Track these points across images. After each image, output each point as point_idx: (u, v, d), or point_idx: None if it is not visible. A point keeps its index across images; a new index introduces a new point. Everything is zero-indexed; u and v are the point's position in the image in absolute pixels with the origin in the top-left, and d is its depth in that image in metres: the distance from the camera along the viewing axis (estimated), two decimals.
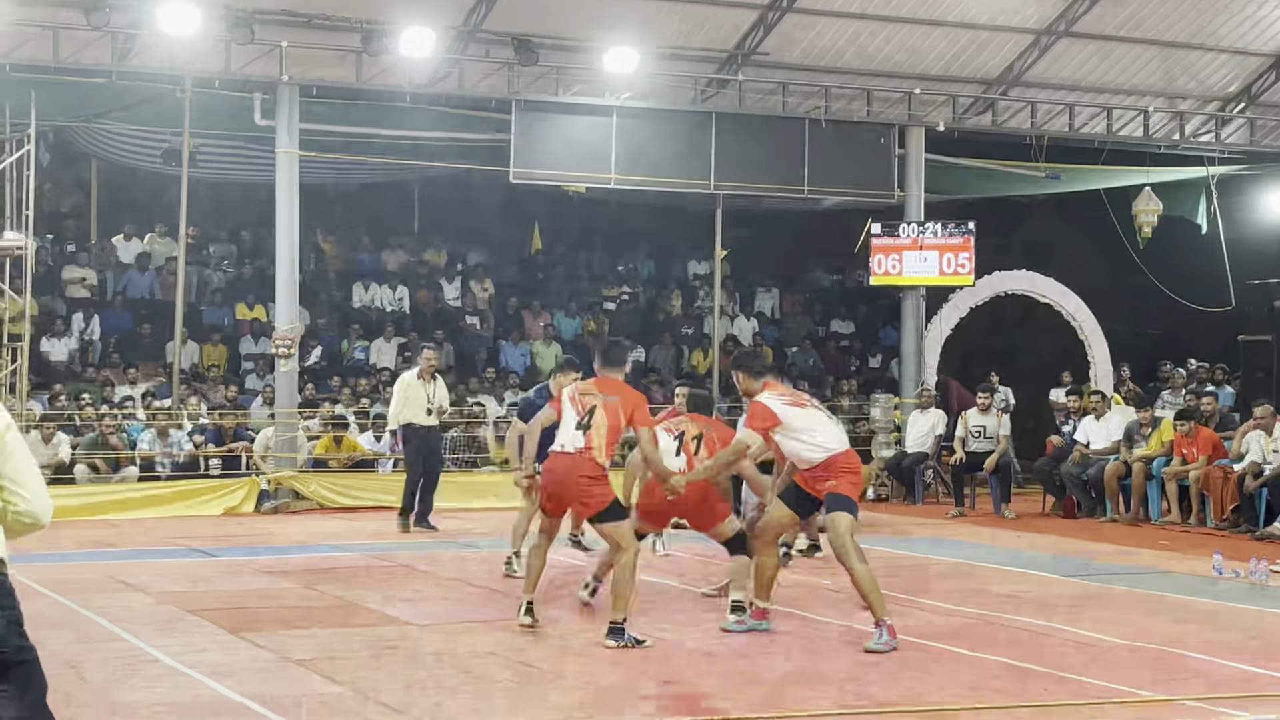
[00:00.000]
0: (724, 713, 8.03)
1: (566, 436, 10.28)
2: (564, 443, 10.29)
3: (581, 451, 10.16)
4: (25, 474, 4.82)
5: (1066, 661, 9.73)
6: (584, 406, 10.27)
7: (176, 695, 8.47)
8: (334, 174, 23.73)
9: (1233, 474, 17.57)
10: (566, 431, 10.30)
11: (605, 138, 21.34)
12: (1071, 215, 26.93)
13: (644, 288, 29.02)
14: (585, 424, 10.19)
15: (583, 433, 10.18)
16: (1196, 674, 9.36)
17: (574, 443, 10.21)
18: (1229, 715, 8.23)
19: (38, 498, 4.82)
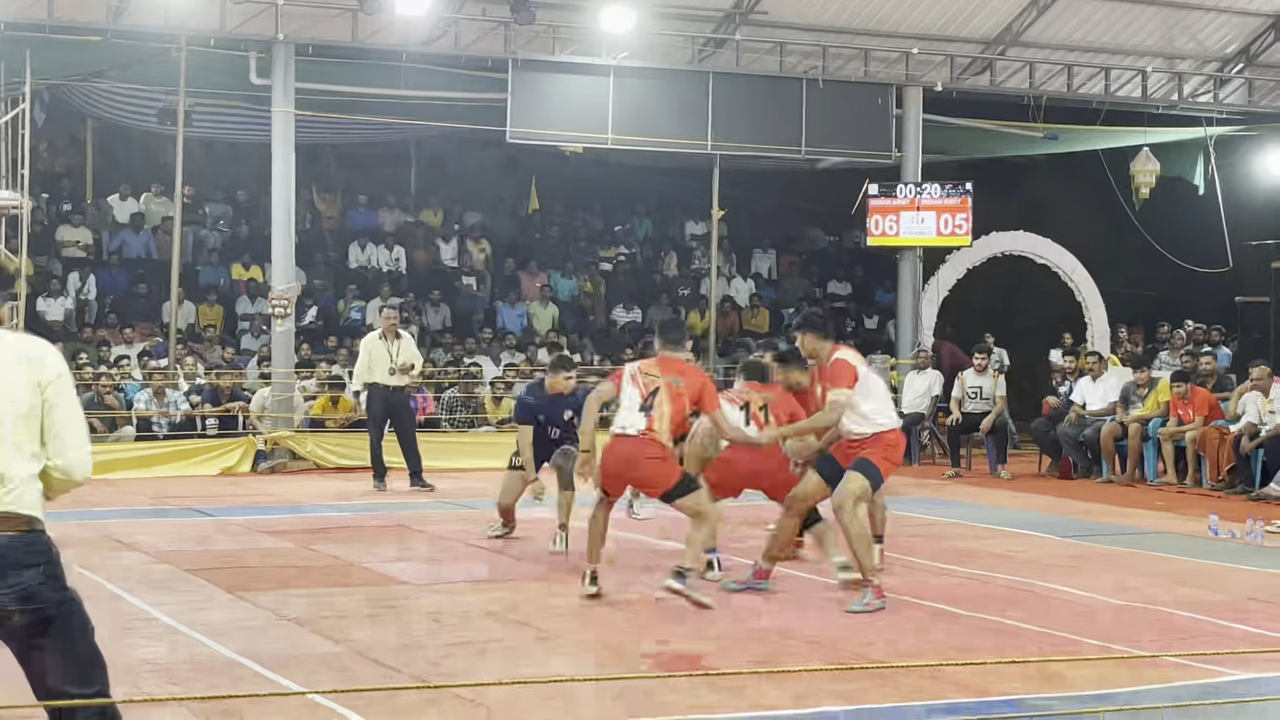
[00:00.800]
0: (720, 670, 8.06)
1: (629, 418, 10.01)
2: (625, 424, 10.00)
3: (644, 433, 9.91)
4: (64, 427, 4.85)
5: (1060, 621, 9.77)
6: (647, 388, 10.00)
7: (174, 654, 8.50)
8: (330, 133, 23.67)
9: (1229, 435, 17.59)
10: (630, 413, 10.02)
11: (602, 97, 21.26)
12: (1069, 176, 26.89)
13: (641, 248, 28.98)
14: (648, 406, 9.95)
15: (645, 414, 9.93)
16: (1191, 633, 9.40)
17: (636, 425, 9.95)
18: (1223, 673, 8.26)
19: (72, 453, 4.86)
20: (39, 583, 4.74)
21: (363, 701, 7.28)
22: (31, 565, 4.75)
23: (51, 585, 4.78)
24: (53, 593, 4.78)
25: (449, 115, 22.10)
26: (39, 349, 4.95)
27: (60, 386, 4.86)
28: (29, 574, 4.74)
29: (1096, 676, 8.16)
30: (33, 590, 4.74)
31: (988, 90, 23.75)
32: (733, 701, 7.54)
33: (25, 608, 4.73)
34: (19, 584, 4.72)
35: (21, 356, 4.88)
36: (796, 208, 29.95)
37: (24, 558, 4.75)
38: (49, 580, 4.78)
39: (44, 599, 4.76)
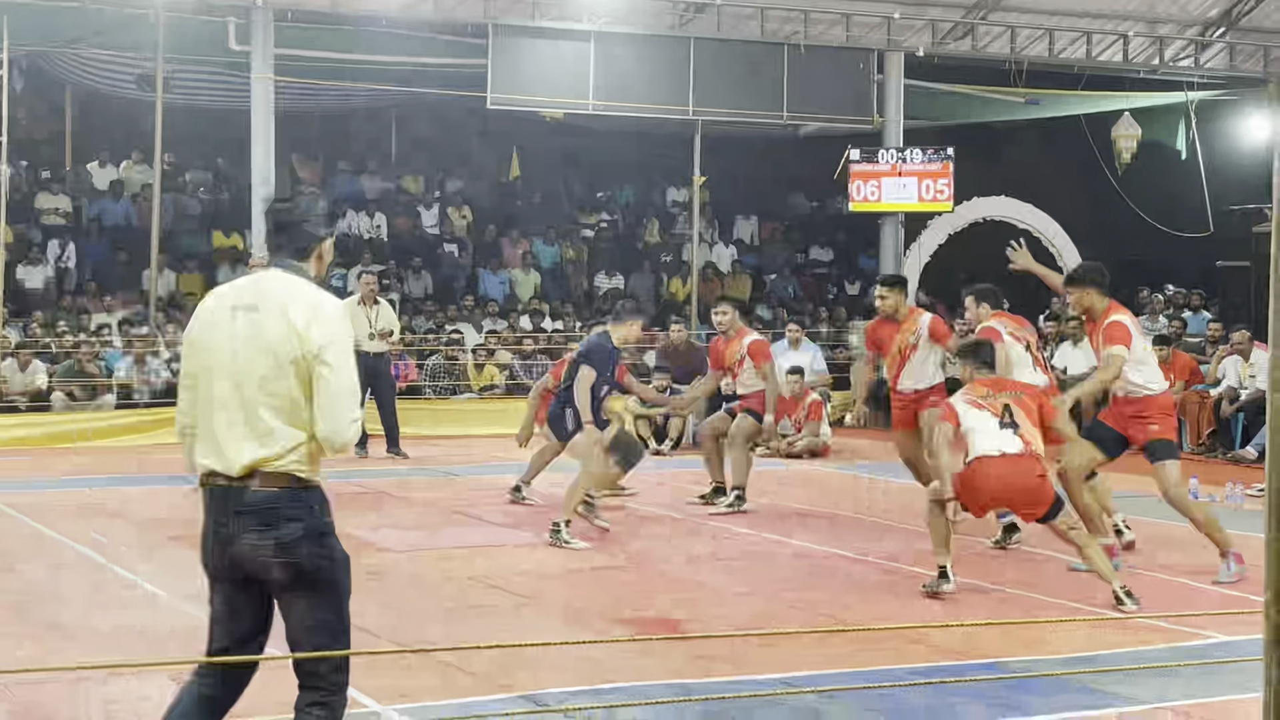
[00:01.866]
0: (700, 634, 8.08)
1: (996, 440, 9.34)
2: (1000, 445, 9.32)
3: (1023, 453, 9.33)
4: (324, 399, 4.81)
5: (1040, 583, 9.81)
6: (996, 409, 9.45)
7: (156, 621, 8.49)
8: (310, 100, 23.57)
9: (1209, 398, 17.65)
10: (993, 435, 9.35)
11: (583, 63, 21.21)
12: (1051, 141, 26.88)
13: (622, 215, 28.93)
14: (1011, 424, 9.39)
15: (1014, 432, 9.37)
16: (1171, 596, 9.44)
17: (1011, 445, 9.33)
18: (1202, 635, 8.30)
19: (331, 421, 4.81)
20: (298, 537, 4.84)
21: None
22: (293, 520, 4.84)
23: (312, 542, 4.87)
24: (312, 549, 4.87)
25: (429, 81, 22.04)
26: (316, 300, 4.92)
27: (322, 361, 4.81)
28: (289, 528, 4.83)
29: (1077, 639, 8.20)
30: (291, 544, 4.84)
31: (969, 55, 23.72)
32: (715, 667, 7.56)
33: (283, 559, 4.84)
34: (279, 537, 4.82)
35: (294, 306, 4.87)
36: (778, 174, 29.90)
37: (286, 512, 4.84)
38: (310, 537, 4.87)
39: (301, 554, 4.85)
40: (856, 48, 22.84)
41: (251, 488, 4.83)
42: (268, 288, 4.93)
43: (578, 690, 6.97)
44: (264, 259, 19.30)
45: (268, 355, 4.81)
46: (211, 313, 5.01)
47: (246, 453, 4.83)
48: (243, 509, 4.84)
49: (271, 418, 4.82)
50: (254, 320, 4.85)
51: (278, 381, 4.81)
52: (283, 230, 5.06)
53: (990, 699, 7.02)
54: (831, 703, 6.89)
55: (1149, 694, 7.10)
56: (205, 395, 4.92)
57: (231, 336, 4.88)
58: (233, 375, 4.86)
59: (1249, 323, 18.60)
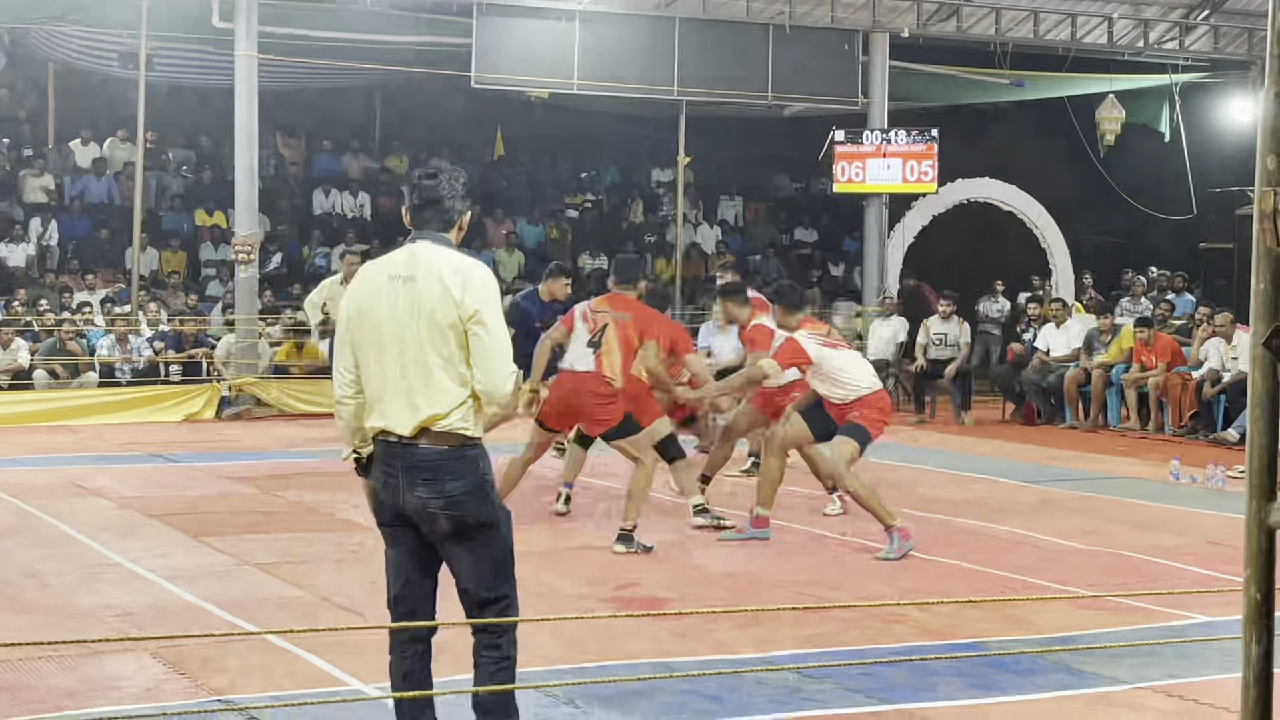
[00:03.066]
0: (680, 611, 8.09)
1: (578, 355, 10.11)
2: (574, 361, 10.11)
3: (592, 371, 10.01)
4: (482, 356, 5.12)
5: (1023, 564, 9.84)
6: (596, 324, 10.08)
7: (136, 599, 8.47)
8: (294, 78, 23.47)
9: (1191, 381, 17.69)
10: (579, 350, 10.12)
11: (568, 42, 21.14)
12: (1035, 123, 26.90)
13: (607, 195, 28.91)
14: (596, 343, 10.03)
15: (593, 351, 10.01)
16: (1152, 577, 9.47)
17: (584, 362, 10.05)
18: (1183, 616, 8.33)
19: (490, 377, 5.12)
20: (464, 493, 5.13)
21: (324, 644, 7.28)
22: (459, 477, 5.14)
23: (477, 498, 5.16)
24: (477, 505, 5.17)
25: (413, 60, 21.95)
26: (467, 266, 5.23)
27: (475, 323, 5.13)
28: (456, 484, 5.13)
29: (1058, 619, 8.22)
30: (458, 499, 5.13)
31: (954, 36, 23.69)
32: (697, 646, 7.57)
33: (451, 513, 5.14)
34: (447, 493, 5.12)
35: (448, 273, 5.16)
36: (763, 155, 29.88)
37: (454, 469, 5.14)
38: (475, 493, 5.16)
39: (467, 509, 5.15)
40: (842, 28, 22.79)
41: (421, 445, 5.14)
42: (421, 258, 5.21)
43: (560, 668, 6.97)
44: (248, 236, 19.32)
45: (429, 321, 5.11)
46: (371, 284, 5.28)
47: (416, 413, 5.12)
48: (413, 465, 5.14)
49: (436, 378, 5.12)
50: (413, 289, 5.15)
51: (440, 345, 5.11)
52: (430, 205, 5.31)
53: (970, 678, 7.03)
54: (812, 681, 6.90)
55: (1129, 674, 7.12)
56: (373, 362, 5.21)
57: (393, 305, 5.17)
58: (398, 342, 5.14)
59: (1231, 305, 18.64)
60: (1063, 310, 20.17)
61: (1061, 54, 24.22)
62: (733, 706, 6.52)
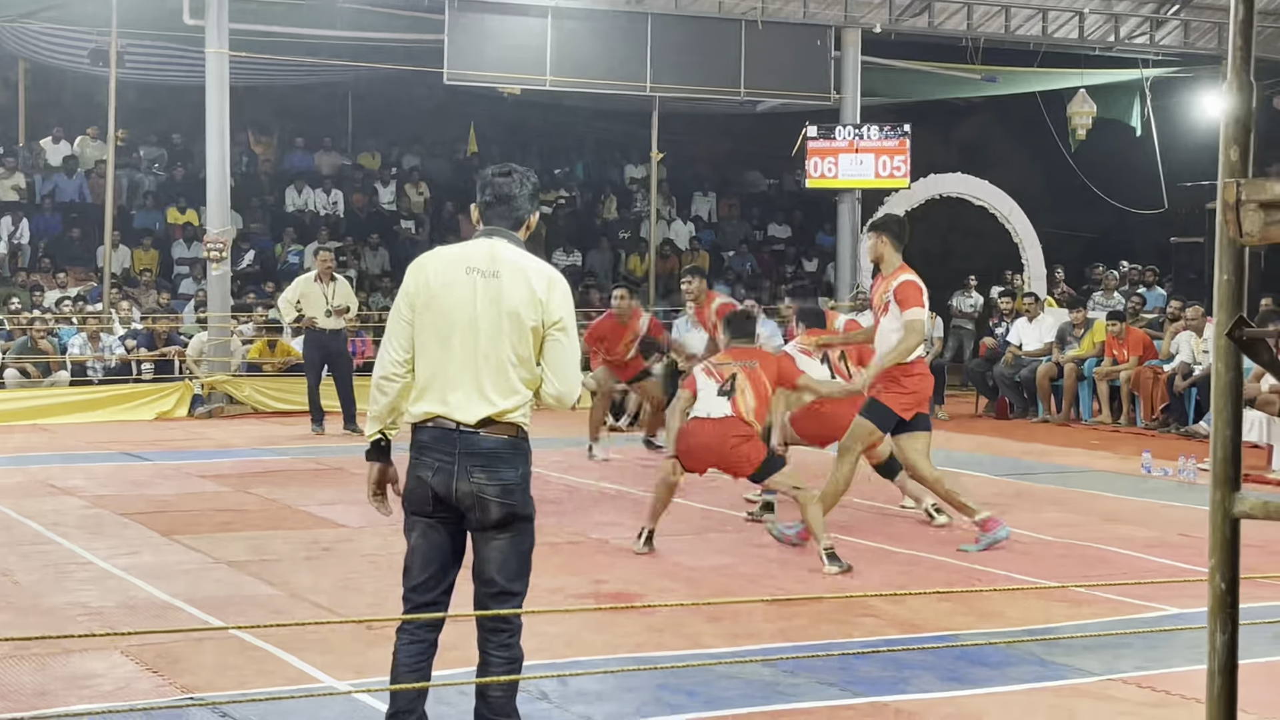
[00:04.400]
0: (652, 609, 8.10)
1: (709, 404, 9.78)
2: (709, 410, 9.77)
3: (729, 417, 9.67)
4: (559, 362, 5.28)
5: (993, 557, 9.87)
6: (723, 375, 9.83)
7: (108, 598, 8.45)
8: (266, 75, 23.42)
9: (1163, 374, 17.76)
10: (708, 400, 9.80)
11: (540, 38, 21.11)
12: (1007, 118, 26.97)
13: (580, 191, 28.90)
14: (729, 390, 9.75)
15: (727, 399, 9.73)
16: (1123, 569, 9.51)
17: (720, 409, 9.72)
18: (1154, 608, 8.36)
19: (565, 383, 5.29)
20: (516, 483, 5.27)
21: (296, 641, 7.27)
22: (515, 467, 5.27)
23: (524, 490, 5.31)
24: (523, 497, 5.31)
25: (386, 57, 21.92)
26: (551, 273, 5.36)
27: (557, 330, 5.27)
28: (511, 473, 5.25)
29: (1029, 612, 8.25)
30: (511, 488, 5.25)
31: (926, 32, 23.73)
32: (670, 640, 7.58)
33: (502, 500, 5.24)
34: (504, 480, 5.23)
35: (535, 277, 5.27)
36: (736, 150, 29.93)
37: (511, 459, 5.26)
38: (524, 485, 5.31)
39: (517, 499, 5.27)
40: (813, 24, 22.80)
41: (482, 433, 5.23)
42: (502, 255, 5.29)
43: (534, 663, 6.96)
44: (220, 234, 19.25)
45: (512, 319, 5.21)
46: (444, 271, 5.32)
47: (487, 405, 5.22)
48: (472, 451, 5.22)
49: (509, 375, 5.23)
50: (495, 285, 5.22)
51: (518, 343, 5.22)
52: (504, 202, 5.41)
53: (942, 671, 7.06)
54: (785, 674, 6.92)
55: (1100, 665, 7.16)
56: (437, 349, 5.26)
57: (472, 298, 5.23)
58: (474, 334, 5.22)
59: (1203, 298, 18.72)
60: (1035, 304, 20.24)
61: (1033, 49, 24.27)
62: (706, 700, 6.53)
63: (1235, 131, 2.75)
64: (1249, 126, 2.78)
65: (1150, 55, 24.92)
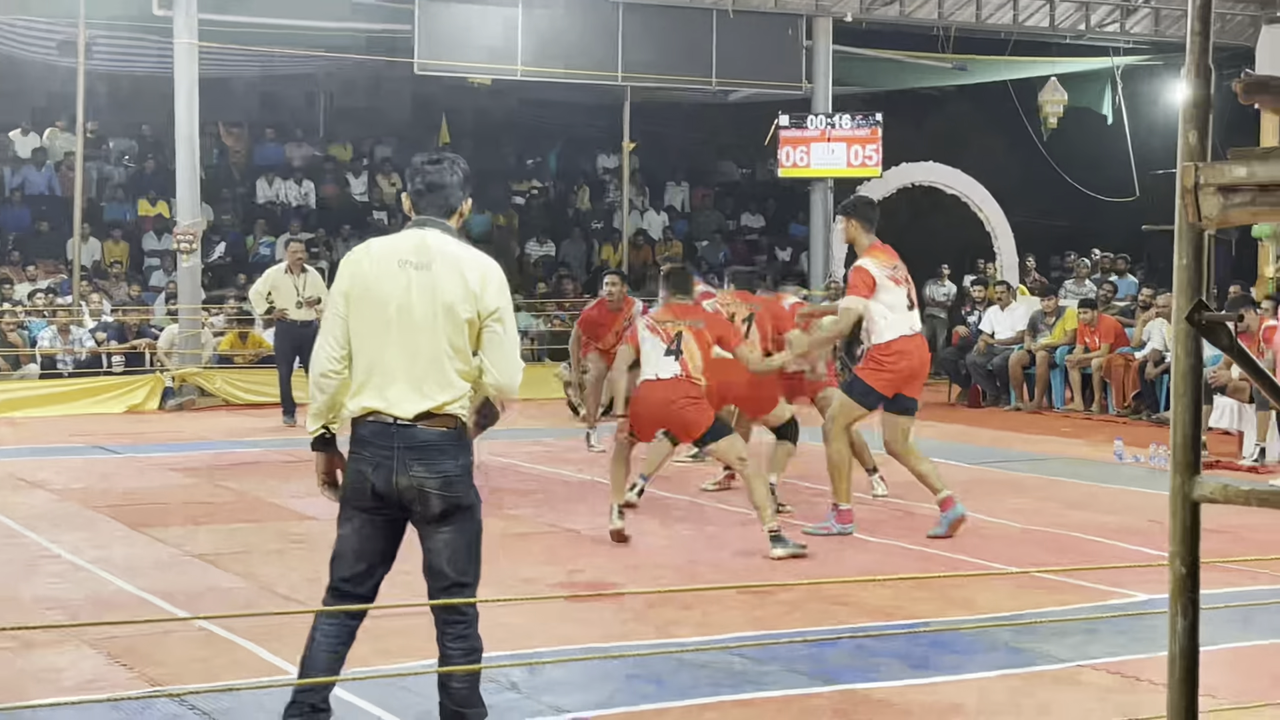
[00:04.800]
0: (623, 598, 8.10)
1: (658, 365, 9.76)
2: (656, 371, 9.76)
3: (679, 378, 9.69)
4: (498, 353, 5.25)
5: (967, 544, 9.89)
6: (669, 334, 9.79)
7: (77, 591, 8.41)
8: (236, 66, 23.32)
9: (1134, 362, 17.81)
10: (656, 360, 9.78)
11: (511, 29, 21.07)
12: (978, 107, 27.00)
13: (553, 182, 28.86)
14: (676, 350, 9.74)
15: (675, 359, 9.71)
16: (1094, 555, 9.53)
17: (668, 369, 9.71)
18: (1123, 594, 8.38)
19: (506, 374, 5.26)
20: (457, 475, 5.25)
21: (266, 634, 7.24)
22: (455, 458, 5.26)
23: (465, 481, 5.30)
24: (465, 488, 5.29)
25: (357, 47, 21.85)
26: (485, 263, 5.35)
27: (494, 320, 5.25)
28: (450, 465, 5.24)
29: (1000, 599, 8.26)
30: (452, 480, 5.25)
31: (897, 21, 23.75)
32: (641, 629, 7.57)
33: (443, 493, 5.23)
34: (444, 472, 5.22)
35: (469, 268, 5.26)
36: (709, 140, 29.93)
37: (451, 450, 5.25)
38: (465, 476, 5.29)
39: (458, 490, 5.26)
40: (785, 13, 22.81)
41: (420, 426, 5.21)
42: (434, 246, 5.28)
43: (504, 653, 6.95)
44: (190, 226, 19.18)
45: (447, 312, 5.19)
46: (376, 265, 5.30)
47: (424, 400, 5.20)
48: (411, 445, 5.21)
49: (447, 369, 5.21)
50: (428, 278, 5.21)
51: (454, 336, 5.20)
52: (435, 190, 5.40)
53: (913, 658, 7.07)
54: (755, 663, 6.92)
55: (1070, 651, 7.17)
56: (373, 344, 5.25)
57: (404, 291, 5.21)
58: (409, 328, 5.20)
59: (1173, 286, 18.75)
60: (1007, 293, 20.29)
61: (1004, 38, 24.32)
62: (676, 690, 6.52)
63: (1194, 116, 2.76)
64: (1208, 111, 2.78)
65: (1121, 43, 24.99)
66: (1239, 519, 9.96)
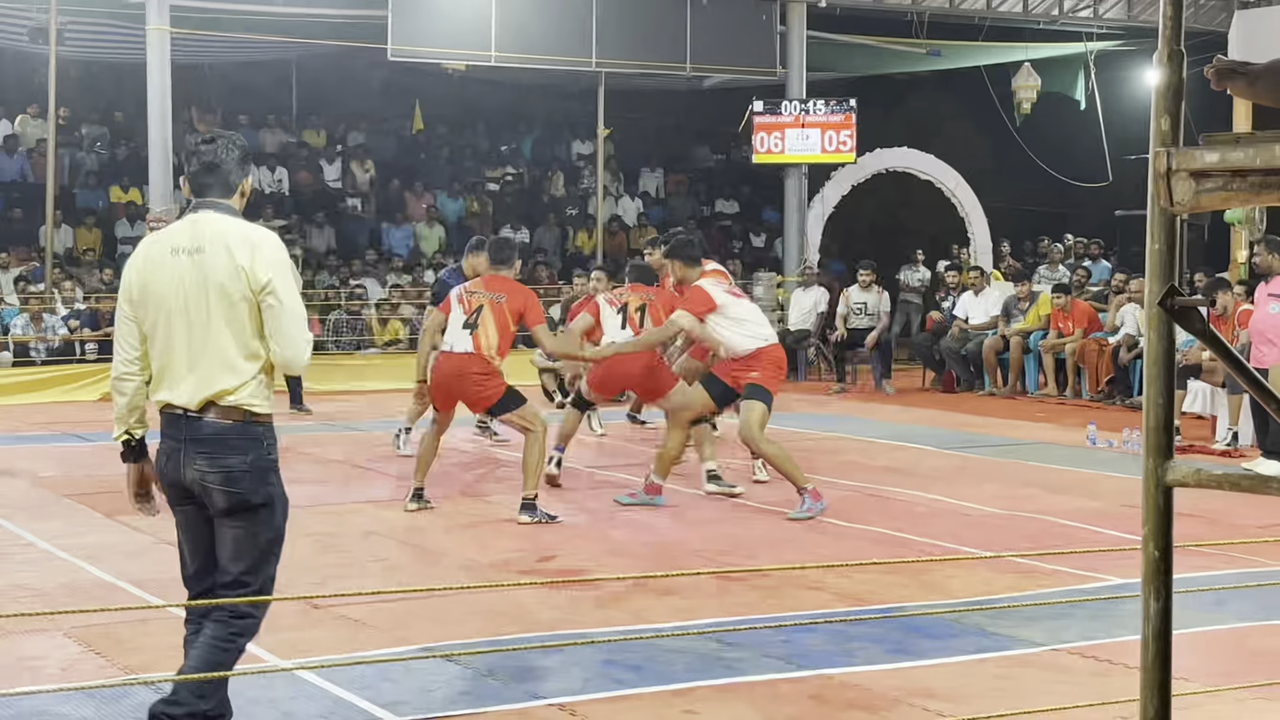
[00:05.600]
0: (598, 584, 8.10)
1: (455, 337, 10.19)
2: (452, 343, 10.19)
3: (470, 353, 10.08)
4: (278, 327, 5.05)
5: (941, 529, 9.92)
6: (471, 305, 10.19)
7: (52, 578, 8.39)
8: (208, 52, 23.22)
9: (1108, 347, 17.87)
10: (455, 332, 10.20)
11: (485, 13, 21.00)
12: (952, 92, 27.04)
13: (528, 168, 28.81)
14: (473, 324, 10.11)
15: (469, 332, 10.10)
16: (1068, 540, 9.56)
17: (462, 343, 10.12)
18: (1097, 578, 8.42)
19: (287, 347, 5.07)
20: (243, 470, 5.07)
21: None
22: (241, 453, 5.08)
23: (255, 476, 5.10)
24: (254, 484, 5.10)
25: (330, 33, 21.76)
26: (255, 235, 5.15)
27: (268, 296, 5.05)
28: (236, 460, 5.06)
29: (974, 584, 8.29)
30: (236, 476, 5.07)
31: (871, 7, 23.76)
32: (616, 616, 7.58)
33: (226, 488, 5.07)
34: (226, 468, 5.05)
35: (236, 244, 5.07)
36: (683, 126, 29.91)
37: (236, 445, 5.07)
38: (255, 471, 5.10)
39: (244, 486, 5.08)
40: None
41: (206, 418, 5.07)
42: (207, 229, 5.10)
43: (479, 640, 6.96)
44: (162, 213, 19.10)
45: (219, 294, 5.02)
46: (150, 258, 5.17)
47: (204, 388, 5.05)
48: (195, 437, 5.08)
49: (227, 354, 5.05)
50: (199, 262, 5.05)
51: (231, 319, 5.03)
52: (211, 171, 5.20)
53: (887, 643, 7.09)
54: (731, 648, 6.93)
55: (1045, 636, 7.20)
56: (160, 337, 5.12)
57: (179, 279, 5.06)
58: (186, 316, 5.05)
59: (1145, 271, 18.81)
60: (981, 278, 20.33)
61: (977, 23, 24.35)
62: (652, 675, 6.53)
63: (1166, 101, 2.76)
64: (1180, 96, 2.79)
65: (1094, 29, 25.04)
66: (1211, 503, 10.01)
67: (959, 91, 26.65)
